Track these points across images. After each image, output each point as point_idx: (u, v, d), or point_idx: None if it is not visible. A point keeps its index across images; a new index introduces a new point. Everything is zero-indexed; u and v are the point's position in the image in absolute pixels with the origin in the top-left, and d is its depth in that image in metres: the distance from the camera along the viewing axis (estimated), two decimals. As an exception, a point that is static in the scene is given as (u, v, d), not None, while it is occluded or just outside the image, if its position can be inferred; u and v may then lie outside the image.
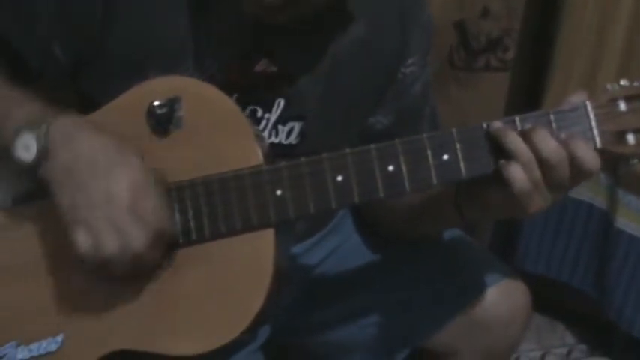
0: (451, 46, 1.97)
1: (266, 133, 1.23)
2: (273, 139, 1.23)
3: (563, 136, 1.05)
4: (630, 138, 1.05)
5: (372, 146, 1.08)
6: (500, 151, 1.06)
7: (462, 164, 1.07)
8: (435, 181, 1.07)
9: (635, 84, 1.06)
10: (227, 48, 1.19)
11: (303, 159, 1.11)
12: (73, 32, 1.17)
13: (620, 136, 1.05)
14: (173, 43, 1.17)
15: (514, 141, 1.05)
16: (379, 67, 1.29)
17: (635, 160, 1.06)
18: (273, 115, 1.22)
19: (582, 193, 2.07)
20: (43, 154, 1.06)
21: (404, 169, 1.07)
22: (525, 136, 1.05)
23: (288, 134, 1.24)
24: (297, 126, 1.24)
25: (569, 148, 1.04)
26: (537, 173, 1.04)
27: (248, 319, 1.08)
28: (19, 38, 1.19)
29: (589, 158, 1.03)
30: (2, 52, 1.20)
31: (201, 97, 1.12)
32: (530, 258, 2.19)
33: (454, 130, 1.07)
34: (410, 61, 1.31)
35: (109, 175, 1.05)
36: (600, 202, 2.07)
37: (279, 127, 1.23)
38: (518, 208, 1.07)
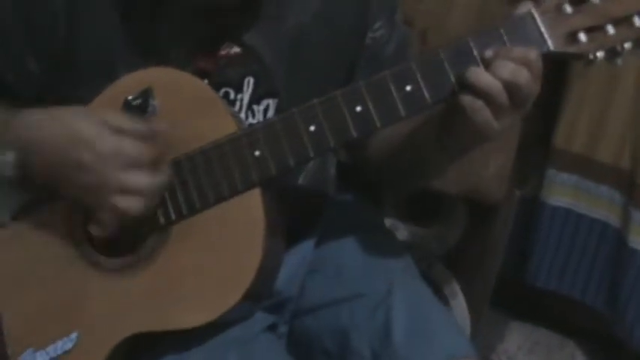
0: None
1: (243, 115, 1.22)
2: (252, 120, 1.23)
3: (515, 52, 1.03)
4: (582, 36, 1.04)
5: (338, 92, 1.08)
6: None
7: (425, 91, 1.06)
8: (402, 112, 1.07)
9: None
10: (189, 37, 1.20)
11: (274, 117, 1.12)
12: (42, 45, 1.19)
13: (572, 36, 1.04)
14: (137, 41, 1.19)
15: (472, 74, 1.04)
16: (344, 38, 1.28)
17: (592, 56, 1.05)
18: (246, 95, 1.22)
19: (596, 211, 2.03)
20: (20, 166, 1.09)
21: (371, 106, 1.07)
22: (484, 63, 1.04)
23: (264, 113, 1.23)
24: (271, 103, 1.24)
25: (526, 60, 1.03)
26: (500, 100, 1.03)
27: (250, 275, 1.08)
28: None
29: (534, 58, 1.03)
30: None
31: (171, 83, 1.14)
32: (542, 274, 2.12)
33: (413, 61, 1.06)
34: (376, 25, 1.29)
35: (76, 143, 1.06)
36: (614, 220, 2.02)
37: (254, 107, 1.23)
38: (481, 132, 1.06)
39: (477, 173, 1.91)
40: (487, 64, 1.04)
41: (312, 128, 1.08)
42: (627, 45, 1.04)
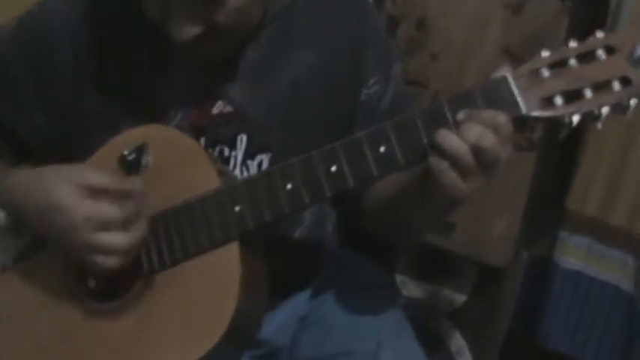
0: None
1: (237, 171, 1.24)
2: (246, 175, 1.23)
3: (484, 115, 1.02)
4: (558, 100, 1.01)
5: (314, 152, 1.08)
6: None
7: (398, 153, 1.05)
8: (375, 172, 1.06)
9: (555, 53, 1.03)
10: (185, 96, 1.22)
11: (256, 174, 1.14)
12: (50, 100, 1.24)
13: (548, 100, 1.02)
14: (138, 100, 1.23)
15: (439, 136, 1.02)
16: (338, 92, 1.27)
17: (568, 119, 1.02)
18: (240, 152, 1.24)
19: (608, 274, 2.00)
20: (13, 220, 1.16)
21: (345, 166, 1.06)
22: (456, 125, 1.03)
23: (259, 167, 1.24)
24: (265, 158, 1.24)
25: (494, 123, 1.01)
26: (466, 162, 1.01)
27: (225, 322, 1.08)
28: (7, 114, 1.28)
29: (503, 122, 1.01)
30: None
31: (164, 139, 1.17)
32: (554, 335, 2.06)
33: (388, 123, 1.06)
34: (371, 81, 1.29)
35: (53, 210, 1.09)
36: (626, 284, 1.99)
37: (249, 162, 1.24)
38: (449, 193, 1.04)
39: (483, 234, 1.90)
40: (458, 127, 1.03)
41: (289, 186, 1.09)
42: (605, 110, 1.01)
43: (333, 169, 1.07)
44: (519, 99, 1.02)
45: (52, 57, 1.24)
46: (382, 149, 1.05)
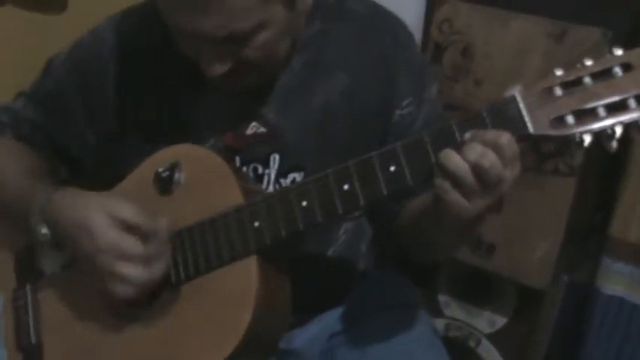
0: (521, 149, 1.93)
1: (270, 187, 1.26)
2: None
3: (487, 135, 1.00)
4: (569, 119, 0.99)
5: (329, 170, 1.09)
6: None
7: (407, 172, 1.04)
8: (385, 191, 1.06)
9: (569, 72, 1.01)
10: (220, 119, 1.26)
11: (275, 191, 1.17)
12: (98, 121, 1.31)
13: (560, 119, 0.99)
14: (176, 121, 1.27)
15: (442, 156, 1.01)
16: (370, 114, 1.28)
17: (579, 139, 0.99)
18: (272, 170, 1.26)
19: None
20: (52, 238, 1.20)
21: (357, 185, 1.07)
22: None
23: None
24: (298, 176, 1.26)
25: (495, 143, 0.99)
26: (467, 182, 1.00)
27: (239, 334, 1.10)
28: (61, 134, 1.34)
29: (506, 141, 0.98)
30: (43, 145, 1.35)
31: (195, 159, 1.20)
32: None
33: (399, 143, 1.05)
34: (405, 102, 1.29)
35: (82, 232, 1.15)
36: None
37: (282, 180, 1.27)
38: (453, 213, 1.03)
39: (524, 257, 1.88)
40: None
41: (304, 204, 1.10)
42: (618, 129, 0.98)
43: (346, 187, 1.07)
44: (527, 118, 1.00)
45: (99, 81, 1.29)
46: (392, 169, 1.05)
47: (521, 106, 1.01)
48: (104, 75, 1.29)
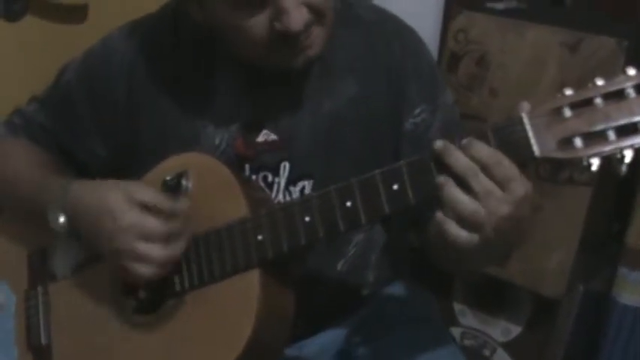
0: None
1: (280, 195, 1.23)
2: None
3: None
4: (578, 142, 0.92)
5: (332, 187, 1.05)
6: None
7: (409, 191, 1.00)
8: (386, 209, 1.01)
9: (579, 92, 0.93)
10: (230, 126, 1.22)
11: (278, 205, 1.12)
12: (108, 133, 1.28)
13: (567, 141, 0.92)
14: (187, 129, 1.23)
15: (452, 153, 0.97)
16: (378, 122, 1.23)
17: (585, 163, 0.93)
18: (282, 179, 1.23)
19: None
20: (71, 227, 1.17)
21: (359, 202, 1.03)
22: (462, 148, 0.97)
23: (301, 193, 1.22)
24: (307, 184, 1.23)
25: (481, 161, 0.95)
26: (478, 183, 0.95)
27: (240, 347, 1.07)
28: (68, 140, 1.31)
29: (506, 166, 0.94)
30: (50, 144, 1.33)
31: (203, 167, 1.17)
32: None
33: (404, 161, 1.01)
34: (417, 111, 1.24)
35: (103, 214, 1.12)
36: None
37: (291, 188, 1.23)
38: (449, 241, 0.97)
39: (539, 265, 1.83)
40: None
41: (307, 219, 1.06)
42: (628, 152, 0.91)
43: (348, 204, 1.03)
44: (533, 141, 0.94)
45: (109, 90, 1.26)
46: (395, 187, 1.01)
47: (528, 127, 0.94)
48: (114, 84, 1.26)
